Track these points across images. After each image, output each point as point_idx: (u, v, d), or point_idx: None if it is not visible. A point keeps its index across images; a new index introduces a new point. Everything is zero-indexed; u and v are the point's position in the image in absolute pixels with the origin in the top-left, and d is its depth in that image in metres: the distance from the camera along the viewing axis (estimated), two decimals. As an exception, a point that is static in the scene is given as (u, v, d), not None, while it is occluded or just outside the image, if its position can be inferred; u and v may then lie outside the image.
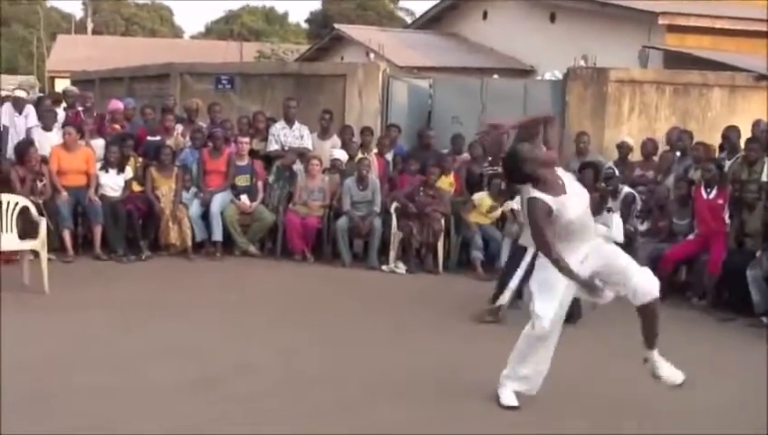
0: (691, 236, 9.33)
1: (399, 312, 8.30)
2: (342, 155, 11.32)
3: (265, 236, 10.99)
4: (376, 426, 5.08)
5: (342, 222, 10.59)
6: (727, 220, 9.05)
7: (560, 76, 13.63)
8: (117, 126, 11.66)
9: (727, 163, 9.98)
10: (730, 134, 10.51)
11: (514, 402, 5.37)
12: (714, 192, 9.20)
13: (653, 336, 5.16)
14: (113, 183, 10.49)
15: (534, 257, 7.76)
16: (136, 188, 10.66)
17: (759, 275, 8.23)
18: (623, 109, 13.03)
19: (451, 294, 9.21)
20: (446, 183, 11.03)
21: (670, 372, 5.19)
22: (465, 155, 11.48)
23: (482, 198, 10.64)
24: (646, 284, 5.06)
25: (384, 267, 10.40)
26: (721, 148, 10.77)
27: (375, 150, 11.61)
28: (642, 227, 10.01)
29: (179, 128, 11.68)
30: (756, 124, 10.57)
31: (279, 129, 11.58)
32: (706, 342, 7.59)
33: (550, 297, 5.15)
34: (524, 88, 13.58)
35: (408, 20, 38.82)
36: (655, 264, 8.99)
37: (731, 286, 8.73)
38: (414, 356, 6.68)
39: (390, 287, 9.57)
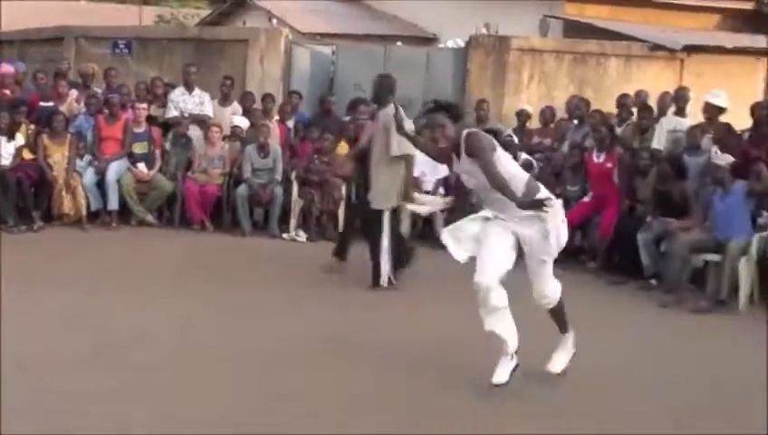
0: (586, 199, 9.50)
1: (300, 280, 8.27)
2: (243, 122, 11.18)
3: (163, 204, 10.80)
4: (274, 395, 5.05)
5: (242, 190, 10.47)
6: (617, 183, 9.25)
7: (462, 44, 13.70)
8: (7, 91, 11.26)
9: (618, 130, 10.20)
10: (625, 101, 10.73)
11: (505, 378, 5.14)
12: (603, 156, 9.38)
13: (564, 323, 5.42)
14: (3, 151, 10.12)
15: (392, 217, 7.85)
16: (27, 155, 10.30)
17: (649, 239, 8.46)
18: (523, 77, 13.19)
19: (351, 262, 9.22)
20: (348, 150, 10.98)
21: (560, 360, 5.39)
22: (367, 122, 11.44)
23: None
24: (556, 292, 5.30)
25: (285, 235, 10.34)
26: (618, 115, 10.99)
27: (276, 117, 11.49)
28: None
29: (74, 93, 11.36)
30: (638, 94, 10.81)
31: (178, 95, 11.35)
32: (599, 304, 7.75)
33: (485, 257, 5.09)
34: (427, 56, 13.67)
35: (313, -14, 38.34)
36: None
37: (622, 250, 8.96)
38: (314, 324, 6.66)
39: (291, 256, 9.53)
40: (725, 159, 8.21)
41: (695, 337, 6.88)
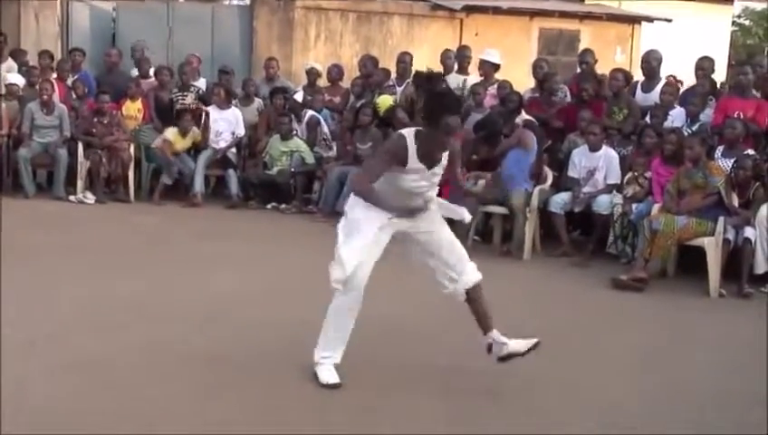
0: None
1: (91, 242, 8.06)
2: (19, 79, 10.63)
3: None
4: (75, 359, 4.92)
5: (24, 151, 9.99)
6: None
7: (247, 1, 13.63)
8: None
9: (398, 89, 10.48)
10: (404, 60, 10.99)
11: (336, 379, 4.65)
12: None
13: (488, 317, 4.79)
14: None
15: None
16: None
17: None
18: (310, 35, 13.28)
19: (142, 223, 9.10)
20: (134, 109, 10.73)
21: (518, 345, 4.75)
22: (152, 80, 11.19)
23: (174, 133, 10.37)
24: (475, 269, 4.77)
25: (72, 198, 9.98)
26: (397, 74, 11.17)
27: (55, 76, 11.00)
28: (332, 153, 10.35)
29: None
30: (402, 59, 11.00)
31: (-54, 52, 10.65)
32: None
33: (355, 241, 4.52)
34: (212, 13, 13.48)
35: (84, -62, 36.62)
36: (342, 184, 9.39)
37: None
38: (112, 285, 6.51)
39: (79, 218, 9.24)
40: (522, 117, 8.61)
41: (488, 284, 7.05)
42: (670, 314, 6.67)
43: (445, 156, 4.62)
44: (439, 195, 4.92)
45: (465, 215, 4.85)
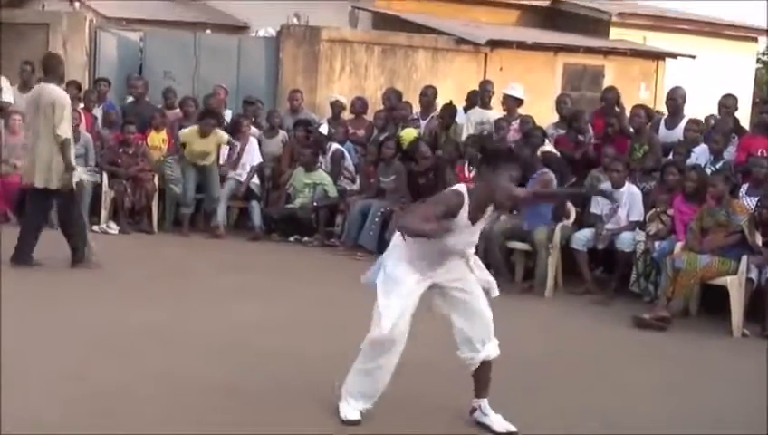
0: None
1: (113, 272, 8.08)
2: (47, 109, 10.73)
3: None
4: (90, 387, 4.94)
5: (49, 181, 10.07)
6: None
7: (273, 33, 13.73)
8: None
9: (423, 122, 10.53)
10: (427, 93, 11.06)
11: (357, 416, 4.65)
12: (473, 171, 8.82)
13: (488, 386, 4.75)
14: None
15: None
16: None
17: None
18: (335, 67, 13.35)
19: (164, 254, 9.14)
20: (158, 139, 10.80)
21: (498, 423, 4.69)
22: (177, 111, 11.28)
23: (192, 134, 10.40)
24: (496, 345, 4.70)
25: (95, 228, 10.03)
26: (420, 103, 11.22)
27: (82, 106, 11.11)
28: (355, 186, 10.36)
29: None
30: (424, 93, 11.09)
31: (-24, 82, 10.78)
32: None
33: (394, 295, 4.52)
34: (239, 44, 13.58)
35: (115, -32, 37.09)
36: (365, 217, 9.40)
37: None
38: (131, 314, 6.54)
39: (102, 248, 9.26)
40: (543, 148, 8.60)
41: (510, 320, 6.98)
42: (692, 353, 6.62)
43: (489, 209, 4.58)
44: None
45: (493, 289, 4.76)
